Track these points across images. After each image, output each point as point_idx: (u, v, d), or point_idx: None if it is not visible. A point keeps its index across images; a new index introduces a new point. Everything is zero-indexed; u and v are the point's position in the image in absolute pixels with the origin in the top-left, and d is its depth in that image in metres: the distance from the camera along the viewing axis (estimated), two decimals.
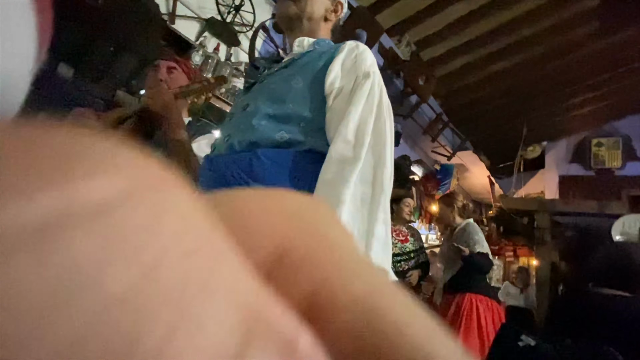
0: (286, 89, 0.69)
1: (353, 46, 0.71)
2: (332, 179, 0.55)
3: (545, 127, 5.42)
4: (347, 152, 0.57)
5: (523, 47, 3.83)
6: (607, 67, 4.33)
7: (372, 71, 0.67)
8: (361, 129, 0.60)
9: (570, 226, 4.26)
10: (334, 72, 0.67)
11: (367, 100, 0.63)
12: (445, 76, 4.09)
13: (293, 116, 0.66)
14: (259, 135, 0.65)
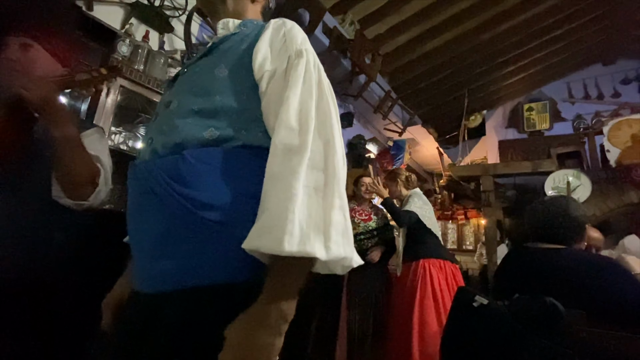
0: (210, 80, 0.61)
1: (279, 23, 0.64)
2: (279, 172, 0.51)
3: (484, 97, 5.81)
4: (292, 141, 0.52)
5: (457, 21, 4.00)
6: (533, 36, 4.69)
7: (305, 49, 0.60)
8: (304, 113, 0.55)
9: (510, 186, 4.69)
10: (261, 54, 0.60)
11: (305, 81, 0.57)
12: (390, 54, 4.17)
13: (222, 109, 0.59)
14: (185, 134, 0.58)
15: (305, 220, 0.48)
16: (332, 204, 0.51)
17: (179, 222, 0.54)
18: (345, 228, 0.51)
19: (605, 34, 5.05)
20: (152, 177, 0.57)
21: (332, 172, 0.53)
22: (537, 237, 1.18)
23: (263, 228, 0.49)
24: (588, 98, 5.63)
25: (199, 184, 0.55)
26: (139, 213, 0.60)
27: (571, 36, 4.91)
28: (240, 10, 0.75)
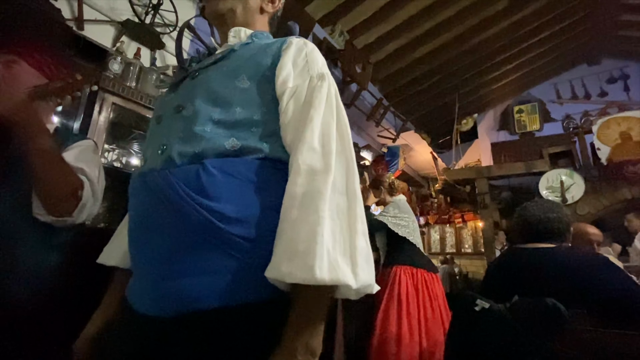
0: (230, 89, 0.60)
1: (301, 44, 0.64)
2: (304, 192, 0.49)
3: (474, 100, 5.91)
4: (316, 162, 0.51)
5: (444, 29, 4.09)
6: (518, 40, 4.80)
7: (326, 72, 0.61)
8: (326, 135, 0.54)
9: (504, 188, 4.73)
10: (285, 70, 0.60)
11: (328, 103, 0.57)
12: (380, 62, 4.23)
13: (243, 121, 0.57)
14: (205, 144, 0.55)
15: (332, 246, 0.46)
16: (356, 228, 0.49)
17: (201, 237, 0.50)
18: (368, 254, 0.50)
19: (589, 36, 5.18)
20: (168, 187, 0.53)
21: (354, 195, 0.52)
22: (529, 238, 1.20)
23: (290, 254, 0.46)
24: (576, 98, 5.75)
25: (223, 196, 0.52)
26: (149, 226, 0.55)
27: (555, 39, 5.04)
28: (249, 20, 0.74)
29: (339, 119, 0.58)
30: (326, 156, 0.52)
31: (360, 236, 0.49)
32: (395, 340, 1.95)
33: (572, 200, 4.02)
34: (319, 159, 0.52)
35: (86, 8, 1.90)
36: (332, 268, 0.44)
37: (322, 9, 3.30)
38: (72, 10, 1.87)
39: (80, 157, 0.91)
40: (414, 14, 3.74)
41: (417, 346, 1.95)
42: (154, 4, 2.13)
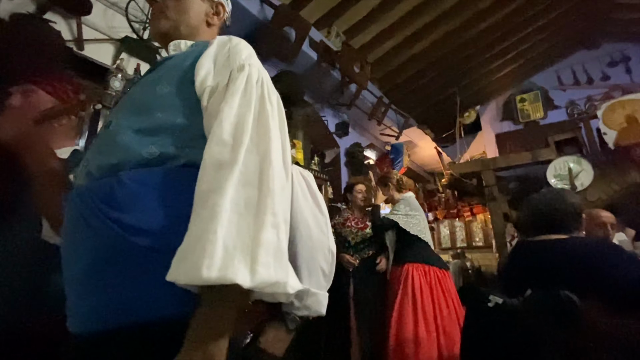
0: (150, 96, 0.58)
1: (225, 40, 0.63)
2: (206, 189, 0.47)
3: (475, 92, 5.86)
4: (222, 155, 0.49)
5: (439, 24, 4.07)
6: (515, 29, 4.76)
7: (248, 63, 0.59)
8: (239, 127, 0.51)
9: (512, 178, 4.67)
10: (204, 69, 0.58)
11: (244, 95, 0.55)
12: (377, 60, 4.22)
13: (163, 126, 0.55)
14: (123, 154, 0.53)
15: (232, 242, 0.43)
16: (264, 221, 0.46)
17: (107, 250, 0.48)
18: (278, 248, 0.46)
19: (585, 21, 5.12)
20: (83, 202, 0.52)
21: (267, 187, 0.49)
22: (539, 230, 1.18)
23: (181, 254, 0.43)
24: (578, 84, 5.67)
25: (132, 206, 0.50)
26: (69, 243, 0.54)
27: (552, 26, 4.98)
28: (194, 33, 0.73)
29: (261, 109, 0.55)
30: (235, 148, 0.50)
31: (269, 229, 0.46)
32: (413, 340, 1.94)
33: (582, 187, 3.96)
34: (227, 152, 0.50)
35: (85, 28, 1.94)
36: (223, 266, 0.41)
37: (316, 12, 3.31)
38: (72, 32, 1.90)
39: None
40: (408, 11, 3.73)
41: (435, 345, 1.94)
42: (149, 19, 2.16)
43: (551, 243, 1.12)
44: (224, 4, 0.80)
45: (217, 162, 0.49)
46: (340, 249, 2.27)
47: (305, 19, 2.94)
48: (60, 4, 1.79)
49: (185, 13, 0.73)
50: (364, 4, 3.42)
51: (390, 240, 2.31)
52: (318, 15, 3.34)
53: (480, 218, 6.65)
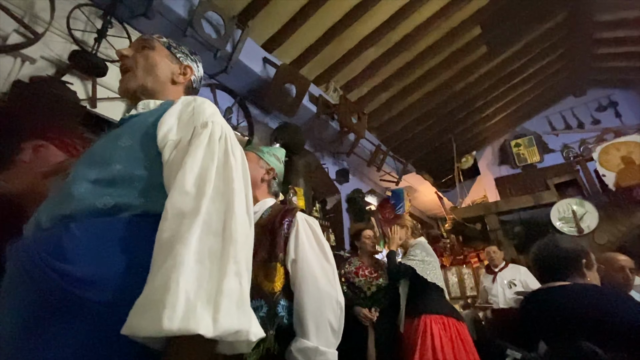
0: (111, 149, 0.59)
1: (190, 100, 0.66)
2: (167, 237, 0.46)
3: (470, 139, 6.05)
4: (184, 205, 0.49)
5: (431, 77, 4.36)
6: (505, 80, 5.07)
7: (212, 121, 0.61)
8: (202, 178, 0.52)
9: (516, 222, 4.61)
10: (166, 125, 0.60)
11: (208, 148, 0.56)
12: (374, 111, 4.44)
13: (120, 177, 0.56)
14: (76, 204, 0.52)
15: (194, 292, 0.42)
16: (226, 270, 0.45)
17: (51, 305, 0.45)
18: (241, 296, 0.45)
19: (569, 70, 5.46)
20: (24, 253, 0.49)
21: (229, 236, 0.48)
22: (543, 278, 1.19)
23: (141, 305, 0.42)
24: (570, 128, 5.87)
25: (83, 258, 0.47)
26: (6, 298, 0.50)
27: (538, 75, 5.31)
28: (160, 89, 0.76)
29: (225, 162, 0.57)
30: (198, 198, 0.50)
31: (231, 278, 0.45)
32: None
33: (588, 229, 3.89)
34: (190, 202, 0.50)
35: (99, 88, 2.08)
36: (185, 317, 0.40)
37: (315, 70, 3.56)
38: (87, 91, 2.04)
39: None
40: (400, 67, 4.02)
41: None
42: None
43: (554, 290, 1.11)
44: (192, 67, 0.84)
45: (179, 211, 0.49)
46: (355, 300, 2.12)
47: (305, 76, 3.15)
48: (78, 67, 1.94)
49: (152, 71, 0.77)
50: (360, 62, 3.70)
51: (403, 289, 2.14)
52: (317, 72, 3.59)
53: None
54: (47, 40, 1.89)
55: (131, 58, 0.78)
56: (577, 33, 4.73)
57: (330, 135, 3.76)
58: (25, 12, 1.86)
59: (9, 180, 0.79)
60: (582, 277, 1.13)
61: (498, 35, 4.18)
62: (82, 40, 2.03)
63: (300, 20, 2.97)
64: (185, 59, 0.84)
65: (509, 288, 3.10)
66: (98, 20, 2.12)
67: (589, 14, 4.42)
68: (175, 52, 0.83)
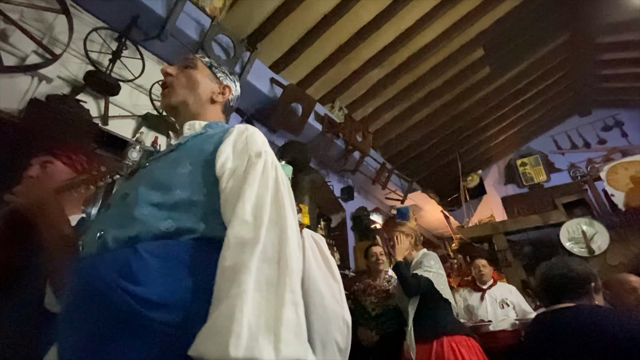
0: (171, 174, 0.63)
1: (242, 129, 0.70)
2: (231, 265, 0.49)
3: (476, 158, 6.04)
4: (245, 234, 0.52)
5: (434, 97, 4.42)
6: (509, 99, 5.11)
7: (264, 150, 0.65)
8: (259, 207, 0.55)
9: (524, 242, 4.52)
10: (224, 154, 0.64)
11: (262, 178, 0.59)
12: (379, 130, 4.49)
13: (181, 202, 0.59)
14: (141, 227, 0.55)
15: (255, 320, 0.44)
16: (284, 299, 0.47)
17: (122, 324, 0.48)
18: (298, 326, 0.46)
19: (573, 90, 5.51)
20: (95, 272, 0.52)
21: (285, 263, 0.50)
22: (550, 300, 1.16)
23: (209, 331, 0.44)
24: (576, 147, 5.84)
25: (151, 280, 0.50)
26: (74, 314, 0.53)
27: (542, 96, 5.35)
28: (201, 111, 0.81)
29: (277, 190, 0.59)
30: (257, 228, 0.52)
31: (289, 307, 0.47)
32: None
33: (599, 250, 3.80)
34: (249, 231, 0.52)
35: (112, 106, 2.14)
36: (249, 345, 0.41)
37: (321, 90, 3.64)
38: (100, 109, 2.10)
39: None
40: (404, 87, 4.09)
41: None
42: None
43: (560, 312, 1.08)
44: (231, 87, 0.89)
45: (240, 240, 0.51)
46: (359, 320, 2.02)
47: (311, 96, 3.22)
48: (93, 87, 2.01)
49: (194, 89, 0.82)
50: (364, 82, 3.78)
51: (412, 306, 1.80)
52: (323, 92, 3.67)
53: None
54: (64, 61, 1.97)
55: (174, 76, 0.83)
56: (580, 54, 4.80)
57: (336, 153, 3.79)
58: (44, 34, 1.95)
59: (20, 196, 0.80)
60: (590, 300, 1.12)
61: (501, 57, 4.26)
62: (97, 61, 2.11)
63: (307, 42, 3.07)
64: (225, 79, 0.89)
65: (501, 308, 2.78)
66: (113, 42, 2.21)
67: (590, 37, 4.49)
68: (216, 72, 0.88)
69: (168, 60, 2.55)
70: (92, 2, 2.12)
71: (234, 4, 2.69)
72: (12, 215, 0.81)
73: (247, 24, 2.86)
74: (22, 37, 1.78)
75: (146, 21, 2.22)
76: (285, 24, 2.88)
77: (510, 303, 2.75)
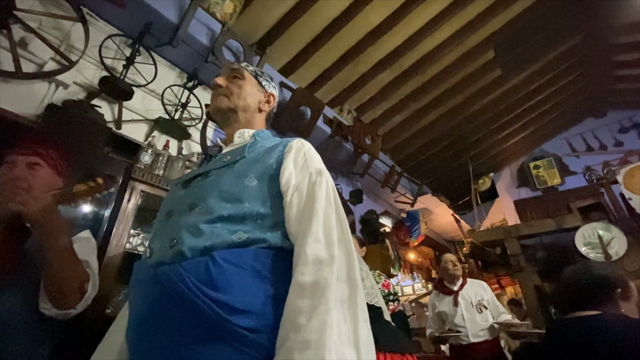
0: (240, 188, 0.66)
1: (299, 145, 0.74)
2: (313, 282, 0.52)
3: (487, 160, 5.95)
4: (321, 252, 0.55)
5: (445, 99, 4.38)
6: (521, 101, 5.03)
7: (322, 168, 0.70)
8: (328, 226, 0.59)
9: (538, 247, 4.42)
10: (287, 171, 0.68)
11: (327, 197, 0.64)
12: (388, 133, 4.46)
13: (249, 215, 0.63)
14: (215, 238, 0.59)
15: (337, 335, 0.47)
16: (358, 317, 0.50)
17: (207, 330, 0.50)
18: (371, 343, 0.50)
19: (588, 92, 5.38)
20: (178, 280, 0.54)
21: (354, 283, 0.54)
22: (572, 306, 1.12)
23: (302, 343, 0.46)
24: (591, 150, 5.70)
25: (230, 287, 0.53)
26: (154, 320, 0.55)
27: (556, 97, 5.24)
28: (249, 119, 0.86)
29: (337, 209, 0.63)
30: (330, 246, 0.56)
31: (362, 324, 0.50)
32: None
33: (617, 256, 3.68)
34: (324, 249, 0.55)
35: (125, 111, 2.19)
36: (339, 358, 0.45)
37: (330, 93, 3.65)
38: (113, 114, 2.15)
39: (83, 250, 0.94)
40: (413, 90, 4.07)
41: None
42: (182, 103, 2.44)
43: (582, 320, 1.04)
44: (274, 95, 0.94)
45: (317, 258, 0.54)
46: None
47: (320, 99, 3.23)
48: (107, 92, 2.06)
49: (244, 99, 0.86)
50: (373, 85, 3.77)
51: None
52: (331, 95, 3.68)
53: (510, 291, 6.13)
54: (80, 67, 2.03)
55: (225, 87, 0.86)
56: (594, 55, 4.70)
57: (344, 156, 3.79)
58: (61, 41, 2.01)
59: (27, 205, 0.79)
60: (616, 307, 1.06)
61: (512, 58, 4.20)
62: (112, 67, 2.17)
63: (316, 46, 3.09)
64: (268, 87, 0.93)
65: (478, 312, 2.33)
66: (127, 49, 2.27)
67: (604, 37, 4.39)
68: (261, 80, 0.92)
69: (180, 65, 2.60)
70: (107, 10, 2.18)
71: (244, 9, 2.73)
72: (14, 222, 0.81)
73: (256, 28, 2.90)
74: (40, 44, 1.84)
75: (159, 28, 2.27)
76: (294, 28, 2.91)
77: (487, 304, 2.40)
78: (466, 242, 4.90)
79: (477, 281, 2.62)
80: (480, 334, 2.24)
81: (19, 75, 1.72)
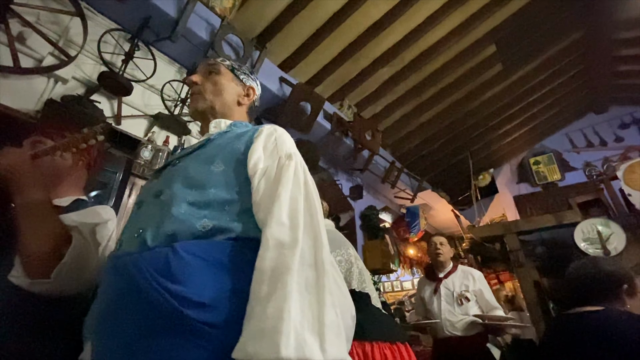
0: (205, 173, 0.64)
1: (271, 130, 0.71)
2: (272, 266, 0.49)
3: (487, 156, 5.95)
4: (284, 236, 0.53)
5: (445, 94, 4.36)
6: (521, 97, 5.01)
7: (293, 152, 0.66)
8: (294, 210, 0.56)
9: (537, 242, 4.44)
10: (256, 154, 0.65)
11: (295, 180, 0.61)
12: (388, 128, 4.45)
13: (215, 201, 0.60)
14: (178, 225, 0.57)
15: (300, 321, 0.45)
16: (324, 301, 0.48)
17: (164, 323, 0.48)
18: (339, 327, 0.47)
19: (589, 87, 5.36)
20: (136, 270, 0.52)
21: (322, 267, 0.51)
22: (575, 302, 1.11)
23: (257, 332, 0.44)
24: (591, 146, 5.70)
25: (190, 280, 0.51)
26: (115, 311, 0.54)
27: (556, 93, 5.23)
28: (228, 113, 0.84)
29: (307, 193, 0.60)
30: (294, 230, 0.53)
31: (329, 309, 0.47)
32: None
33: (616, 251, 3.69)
34: (287, 233, 0.53)
35: (124, 106, 2.18)
36: (298, 346, 0.42)
37: (330, 89, 3.64)
38: (113, 109, 2.14)
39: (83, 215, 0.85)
40: (414, 85, 4.05)
41: None
42: (182, 98, 2.42)
43: (586, 315, 1.03)
44: (254, 88, 0.91)
45: (279, 242, 0.52)
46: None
47: (320, 94, 3.22)
48: (106, 87, 2.05)
49: (221, 94, 0.84)
50: (373, 80, 3.75)
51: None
52: (332, 91, 3.66)
53: (509, 286, 6.16)
54: (78, 62, 2.01)
55: (200, 84, 0.85)
56: (595, 51, 4.67)
57: (345, 151, 3.78)
58: (60, 36, 2.00)
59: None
60: (621, 303, 1.05)
61: (513, 53, 4.18)
62: (111, 62, 2.15)
63: (316, 41, 3.07)
64: (247, 80, 0.91)
65: (459, 305, 2.14)
66: (126, 44, 2.25)
67: (606, 33, 4.37)
68: (239, 74, 0.90)
69: (179, 60, 2.58)
70: (106, 5, 2.16)
71: (244, 3, 2.71)
72: None
73: (256, 23, 2.88)
74: (38, 39, 1.83)
75: (158, 22, 2.25)
76: (294, 23, 2.89)
77: (471, 296, 2.19)
78: (466, 238, 4.92)
79: (470, 270, 2.43)
80: (457, 327, 2.08)
81: (17, 71, 1.71)
